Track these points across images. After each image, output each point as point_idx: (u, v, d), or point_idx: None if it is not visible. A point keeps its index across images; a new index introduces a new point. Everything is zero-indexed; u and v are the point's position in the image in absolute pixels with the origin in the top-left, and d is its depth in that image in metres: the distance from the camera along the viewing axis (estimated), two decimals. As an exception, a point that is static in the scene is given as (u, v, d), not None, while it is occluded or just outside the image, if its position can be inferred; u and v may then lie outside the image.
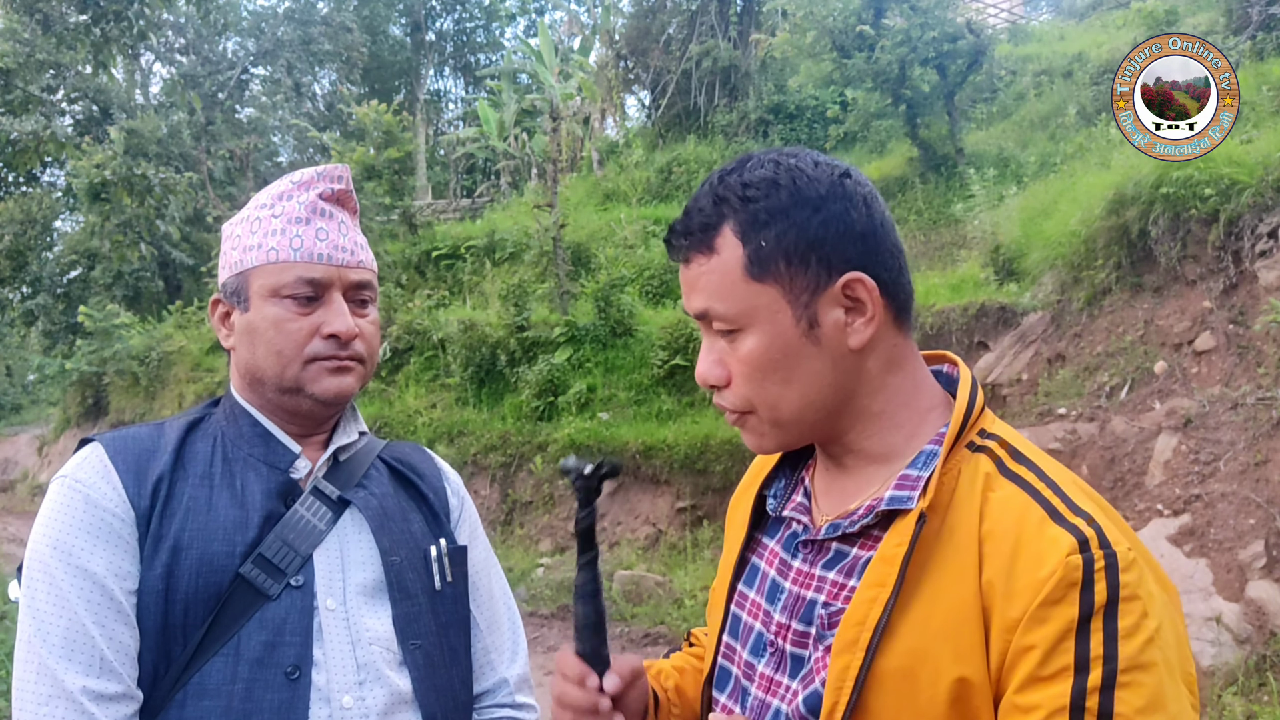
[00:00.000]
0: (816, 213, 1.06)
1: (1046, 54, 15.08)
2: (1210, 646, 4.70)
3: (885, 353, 1.10)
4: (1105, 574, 0.94)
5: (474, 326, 12.22)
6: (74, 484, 1.31)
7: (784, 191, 1.07)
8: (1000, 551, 0.98)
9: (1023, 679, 0.94)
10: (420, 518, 1.50)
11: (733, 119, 15.55)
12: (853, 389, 1.10)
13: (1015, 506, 1.01)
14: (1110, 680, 0.91)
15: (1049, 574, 0.94)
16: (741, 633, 1.19)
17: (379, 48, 27.05)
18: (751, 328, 1.07)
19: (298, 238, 1.40)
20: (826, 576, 1.10)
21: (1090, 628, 0.93)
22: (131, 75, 25.44)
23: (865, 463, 1.13)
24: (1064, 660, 0.93)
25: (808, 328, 1.07)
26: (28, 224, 21.64)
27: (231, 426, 1.43)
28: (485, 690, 1.52)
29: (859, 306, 1.07)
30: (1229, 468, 5.35)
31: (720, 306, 1.09)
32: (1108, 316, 6.88)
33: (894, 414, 1.11)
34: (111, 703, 1.23)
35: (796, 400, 1.09)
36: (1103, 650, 0.92)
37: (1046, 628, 0.93)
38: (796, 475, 1.24)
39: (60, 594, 1.24)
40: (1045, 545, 0.96)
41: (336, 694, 1.30)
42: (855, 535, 1.09)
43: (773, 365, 1.07)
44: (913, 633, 0.99)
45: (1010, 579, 0.96)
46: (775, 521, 1.23)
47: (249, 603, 1.29)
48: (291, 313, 1.38)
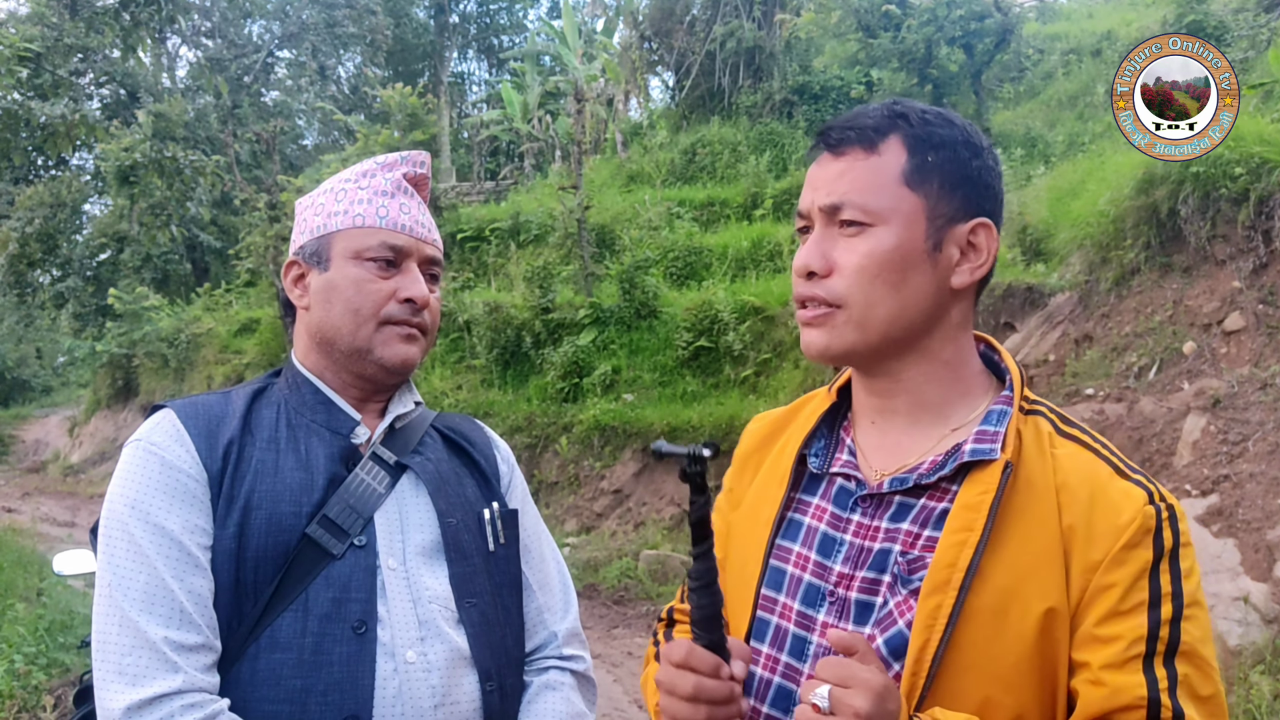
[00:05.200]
0: (976, 157, 1.19)
1: (1075, 32, 14.93)
2: (1238, 626, 4.71)
3: (965, 310, 1.22)
4: (1169, 523, 1.10)
5: (499, 308, 12.28)
6: (149, 447, 1.37)
7: (957, 129, 1.20)
8: (1077, 500, 1.11)
9: (1103, 613, 1.08)
10: (473, 483, 1.56)
11: (757, 100, 15.47)
12: (933, 327, 1.20)
13: (1084, 461, 1.14)
14: (1179, 614, 1.07)
15: (1128, 521, 1.09)
16: (788, 585, 1.24)
17: (403, 30, 27.02)
18: (886, 226, 1.16)
19: (384, 207, 1.48)
20: (899, 527, 1.17)
21: (1160, 568, 1.08)
22: (158, 59, 25.58)
23: (919, 412, 1.22)
24: (1140, 596, 1.07)
25: (932, 248, 1.17)
26: (57, 207, 21.82)
27: (294, 394, 1.49)
28: (537, 646, 1.57)
29: (975, 251, 1.19)
30: (1257, 448, 5.34)
31: (863, 199, 1.16)
32: (1136, 297, 6.85)
33: (956, 367, 1.22)
34: (192, 652, 1.28)
35: (895, 306, 1.17)
36: (1170, 588, 1.08)
37: (1125, 568, 1.08)
38: (835, 435, 1.30)
39: (139, 550, 1.30)
40: (1119, 497, 1.11)
41: (400, 649, 1.36)
42: (924, 488, 1.17)
43: (891, 266, 1.16)
44: (1004, 572, 1.10)
45: (1090, 525, 1.10)
46: (814, 479, 1.28)
47: (315, 561, 1.35)
48: (372, 274, 1.45)
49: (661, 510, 9.45)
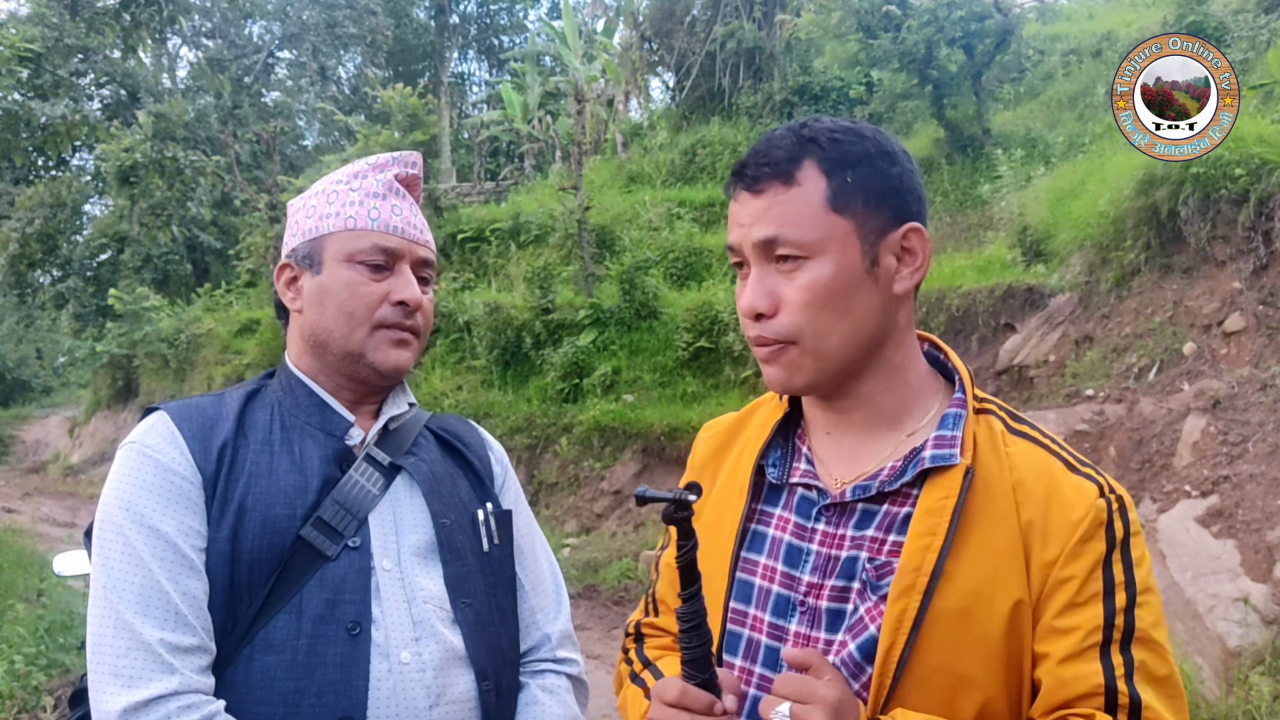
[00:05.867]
0: (893, 165, 1.18)
1: (1075, 33, 14.90)
2: (1238, 627, 4.71)
3: (909, 311, 1.23)
4: (1120, 514, 1.13)
5: (499, 309, 12.28)
6: (143, 449, 1.37)
7: (869, 141, 1.18)
8: (1033, 497, 1.14)
9: (1061, 605, 1.11)
10: (467, 483, 1.56)
11: (757, 101, 15.46)
12: (885, 336, 1.20)
13: (1037, 458, 1.17)
14: (1132, 602, 1.10)
15: (1081, 516, 1.12)
16: (756, 597, 1.24)
17: (403, 31, 27.04)
18: (821, 256, 1.15)
19: (375, 210, 1.48)
20: (865, 534, 1.18)
21: (1113, 559, 1.11)
22: (159, 59, 25.61)
23: (875, 421, 1.23)
24: (1095, 587, 1.10)
25: (870, 265, 1.17)
26: (58, 208, 21.85)
27: (288, 396, 1.49)
28: (530, 647, 1.57)
29: (910, 256, 1.19)
30: (1258, 449, 5.33)
31: (794, 233, 1.15)
32: (1136, 297, 6.85)
33: (906, 371, 1.23)
34: (188, 654, 1.28)
35: (847, 332, 1.17)
36: (1124, 577, 1.11)
37: (1081, 561, 1.11)
38: (790, 445, 1.30)
39: (133, 552, 1.30)
40: (1072, 492, 1.13)
41: (395, 649, 1.36)
42: (887, 495, 1.18)
43: (834, 294, 1.16)
44: (969, 574, 1.12)
45: (1046, 520, 1.12)
46: (774, 490, 1.28)
47: (309, 563, 1.35)
48: (364, 277, 1.45)
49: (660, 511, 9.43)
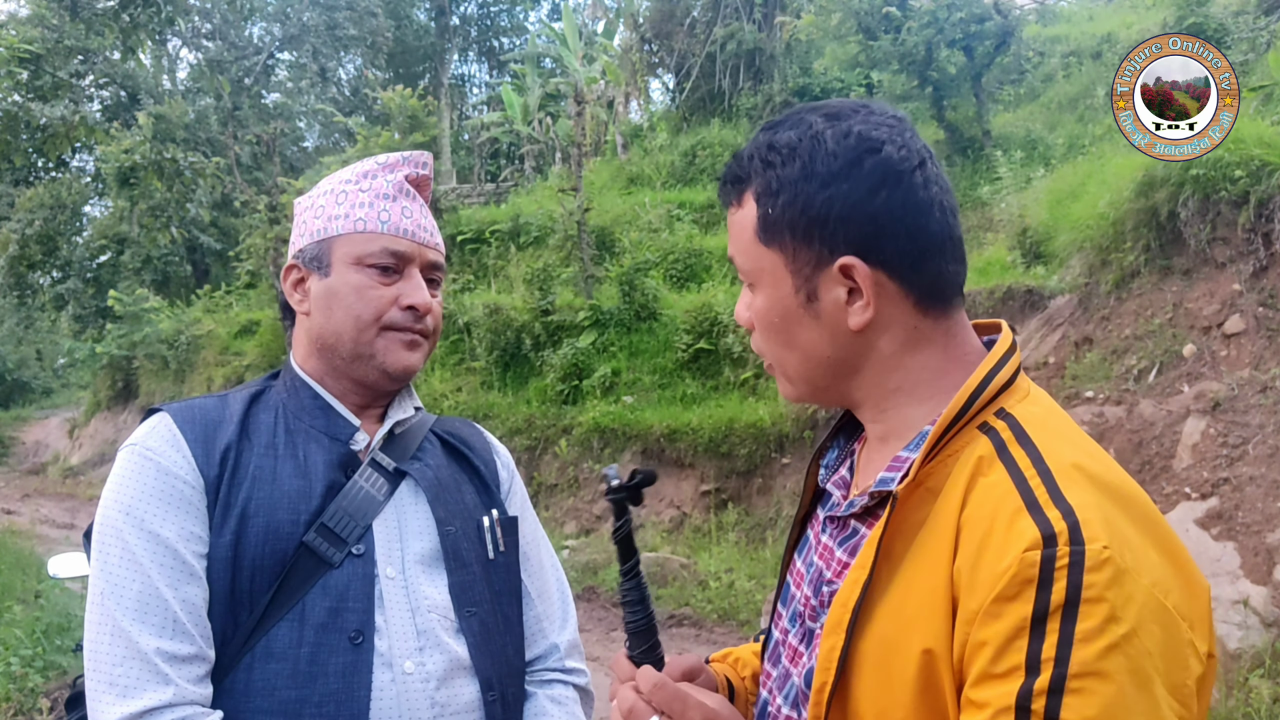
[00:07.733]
0: (824, 189, 1.01)
1: (1075, 35, 14.91)
2: (1237, 630, 4.71)
3: (901, 334, 1.04)
4: (1068, 572, 0.86)
5: (499, 310, 12.29)
6: (144, 451, 1.34)
7: (798, 162, 1.03)
8: (972, 540, 0.93)
9: (977, 674, 0.89)
10: (472, 489, 1.54)
11: (757, 102, 15.46)
12: (859, 366, 1.07)
13: (996, 494, 0.94)
14: (1059, 684, 0.84)
15: (1005, 568, 0.88)
16: (788, 602, 1.20)
17: (403, 32, 27.03)
18: (759, 286, 1.09)
19: (385, 212, 1.45)
20: (835, 554, 1.10)
21: (1046, 628, 0.86)
22: (159, 61, 25.60)
23: (886, 432, 1.10)
24: (1015, 659, 0.86)
25: (806, 300, 1.05)
26: (58, 209, 21.85)
27: (293, 399, 1.46)
28: (537, 656, 1.55)
29: (858, 290, 1.03)
30: (1257, 451, 5.33)
31: (739, 259, 1.11)
32: (1136, 299, 6.85)
33: (912, 390, 1.06)
34: (185, 663, 1.26)
35: (798, 363, 1.09)
36: (1055, 653, 0.85)
37: (1000, 623, 0.88)
38: (848, 447, 1.22)
39: (133, 558, 1.28)
40: (1012, 537, 0.89)
41: (398, 659, 1.34)
42: (864, 514, 1.08)
43: (774, 326, 1.09)
44: (887, 619, 0.97)
45: (975, 570, 0.91)
46: (826, 493, 1.21)
47: (312, 570, 1.33)
48: (373, 281, 1.43)
49: (661, 513, 9.44)
